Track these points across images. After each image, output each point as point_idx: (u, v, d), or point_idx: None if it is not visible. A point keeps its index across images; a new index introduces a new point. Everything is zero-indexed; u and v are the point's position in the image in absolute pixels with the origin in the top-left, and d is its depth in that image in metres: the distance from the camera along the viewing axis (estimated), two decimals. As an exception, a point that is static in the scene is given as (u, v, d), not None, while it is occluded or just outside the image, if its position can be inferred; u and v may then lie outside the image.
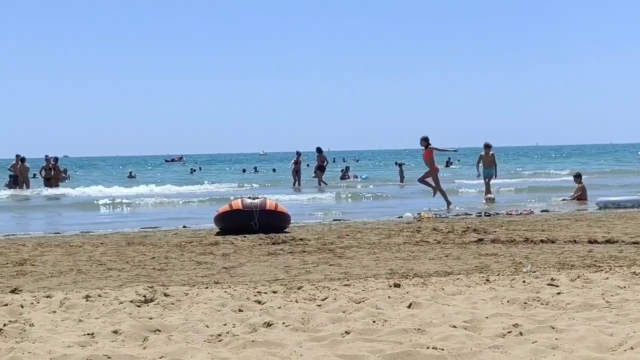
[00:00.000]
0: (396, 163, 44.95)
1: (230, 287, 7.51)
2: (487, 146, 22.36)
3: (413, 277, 8.18)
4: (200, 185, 36.74)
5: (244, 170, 56.70)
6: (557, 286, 7.09)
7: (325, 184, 33.48)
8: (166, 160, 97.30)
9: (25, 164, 31.35)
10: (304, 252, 11.01)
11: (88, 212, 21.57)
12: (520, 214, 17.15)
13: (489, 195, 22.12)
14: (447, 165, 54.39)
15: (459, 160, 61.27)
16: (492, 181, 22.76)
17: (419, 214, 17.05)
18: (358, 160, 78.36)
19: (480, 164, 22.58)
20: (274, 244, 11.99)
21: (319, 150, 33.40)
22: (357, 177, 41.17)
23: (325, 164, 34.27)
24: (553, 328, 5.32)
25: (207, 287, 7.50)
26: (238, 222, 13.78)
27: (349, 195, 26.76)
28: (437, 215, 16.84)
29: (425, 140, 20.12)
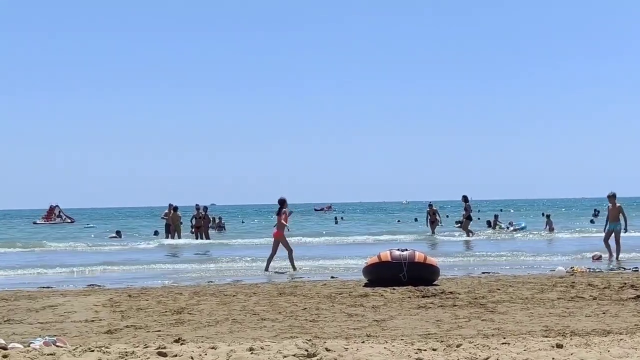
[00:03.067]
0: (543, 214, 43.96)
1: (387, 342, 7.49)
2: (612, 196, 20.08)
3: (572, 336, 7.92)
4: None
5: (398, 221, 56.78)
6: None
7: (472, 233, 32.83)
8: (315, 210, 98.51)
9: (178, 212, 32.46)
10: (455, 306, 10.89)
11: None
12: (681, 268, 16.33)
13: (596, 253, 20.01)
14: (595, 216, 52.59)
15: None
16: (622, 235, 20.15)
17: (571, 268, 16.57)
18: (502, 210, 76.76)
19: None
20: (424, 296, 11.91)
21: (465, 199, 32.74)
22: (511, 225, 39.48)
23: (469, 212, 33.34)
24: None
25: (363, 342, 7.51)
26: (387, 273, 13.79)
27: None
28: (591, 270, 16.29)
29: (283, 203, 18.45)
